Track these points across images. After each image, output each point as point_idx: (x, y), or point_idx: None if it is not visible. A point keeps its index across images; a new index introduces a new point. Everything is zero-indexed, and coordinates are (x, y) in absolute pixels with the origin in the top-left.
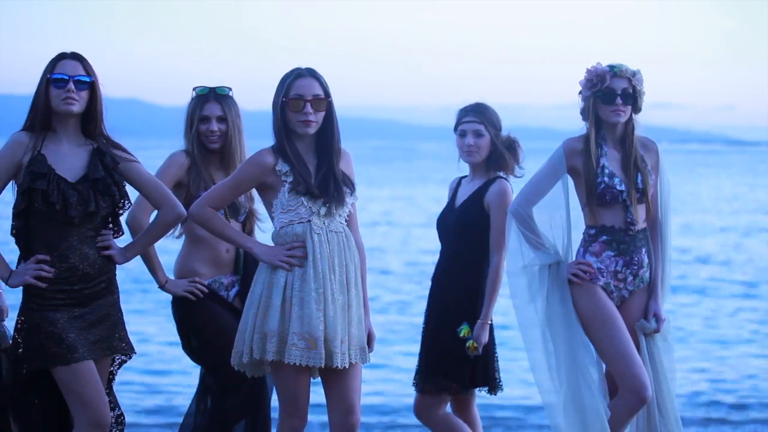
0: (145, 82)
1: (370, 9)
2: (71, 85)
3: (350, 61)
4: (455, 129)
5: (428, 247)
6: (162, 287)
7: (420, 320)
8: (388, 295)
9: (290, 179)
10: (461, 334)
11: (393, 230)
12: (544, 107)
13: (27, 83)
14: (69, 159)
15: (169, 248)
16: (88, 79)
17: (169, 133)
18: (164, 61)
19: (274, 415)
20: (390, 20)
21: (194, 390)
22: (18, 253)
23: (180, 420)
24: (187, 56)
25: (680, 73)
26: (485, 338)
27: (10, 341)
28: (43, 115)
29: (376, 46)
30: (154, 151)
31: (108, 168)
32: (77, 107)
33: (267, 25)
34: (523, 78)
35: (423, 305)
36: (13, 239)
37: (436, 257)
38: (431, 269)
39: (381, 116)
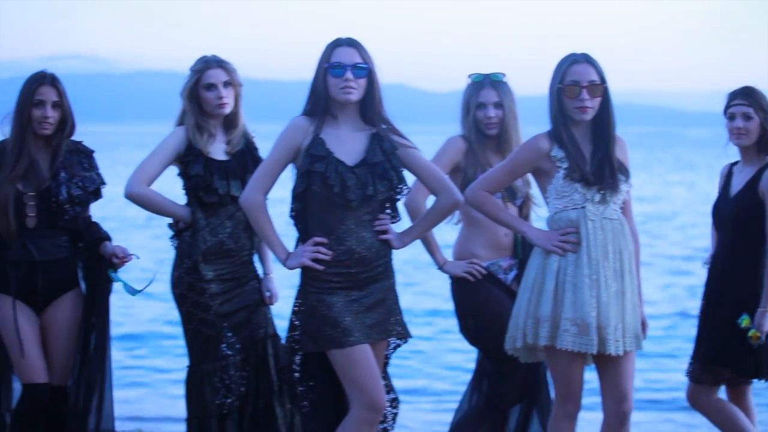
0: (410, 68)
1: None
2: (349, 74)
3: (617, 44)
4: (724, 112)
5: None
6: (440, 268)
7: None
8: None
9: (565, 165)
10: (742, 325)
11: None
12: None
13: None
14: (348, 143)
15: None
16: (365, 66)
17: (436, 118)
18: (429, 46)
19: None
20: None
21: None
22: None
23: None
24: (453, 41)
25: None
26: (767, 326)
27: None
28: (322, 102)
29: (645, 29)
30: (419, 137)
31: (386, 153)
32: (356, 95)
33: None
34: None
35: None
36: (288, 226)
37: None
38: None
39: (645, 102)
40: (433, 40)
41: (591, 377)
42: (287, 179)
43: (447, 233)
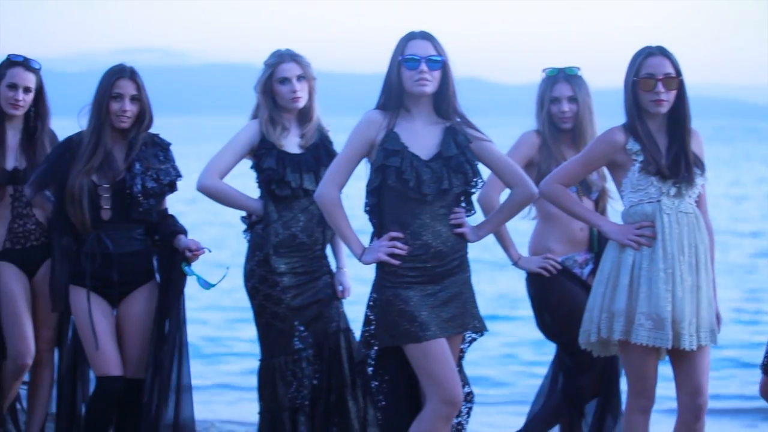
0: (485, 61)
1: None
2: (423, 66)
3: (691, 37)
4: None
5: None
6: (515, 264)
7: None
8: None
9: (641, 159)
10: None
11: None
12: None
13: None
14: (422, 137)
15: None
16: (439, 59)
17: (511, 111)
18: (504, 39)
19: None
20: None
21: None
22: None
23: None
24: (529, 33)
25: None
26: None
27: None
28: (396, 95)
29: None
30: (494, 130)
31: (461, 146)
32: (430, 88)
33: None
34: None
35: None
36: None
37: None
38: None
39: (721, 95)
40: (508, 32)
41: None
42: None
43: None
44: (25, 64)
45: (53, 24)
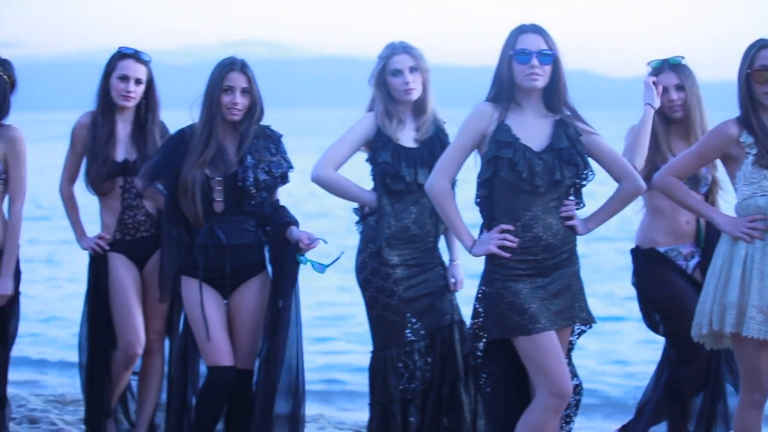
0: (593, 54)
1: None
2: (534, 60)
3: None
4: None
5: None
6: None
7: None
8: None
9: (754, 151)
10: None
11: None
12: None
13: None
14: (533, 129)
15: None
16: (550, 53)
17: (618, 104)
18: (611, 32)
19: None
20: None
21: None
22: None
23: None
24: (635, 26)
25: None
26: None
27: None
28: (506, 89)
29: None
30: (601, 123)
31: (571, 138)
32: (541, 82)
33: None
34: None
35: None
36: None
37: None
38: None
39: None
40: (615, 24)
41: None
42: None
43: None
44: (136, 56)
45: (161, 17)
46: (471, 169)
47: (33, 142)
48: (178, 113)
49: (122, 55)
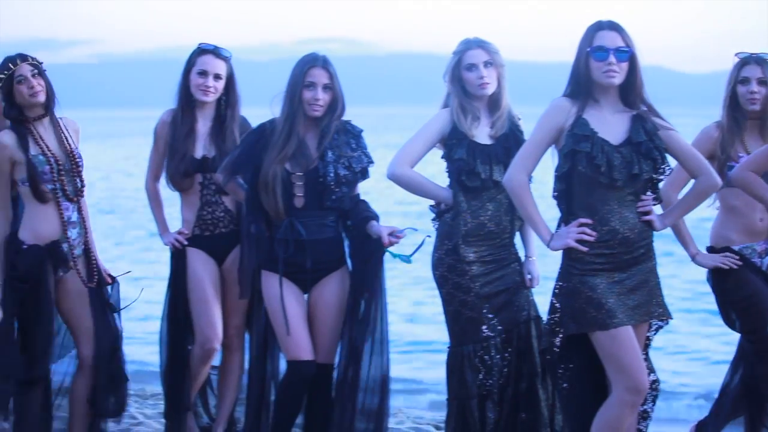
0: (668, 49)
1: None
2: (612, 57)
3: None
4: None
5: None
6: (693, 259)
7: None
8: None
9: None
10: None
11: None
12: None
13: None
14: (610, 124)
15: None
16: (627, 50)
17: (695, 101)
18: (686, 28)
19: None
20: None
21: None
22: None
23: None
24: (712, 21)
25: None
26: None
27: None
28: (584, 85)
29: None
30: (677, 120)
31: (650, 133)
32: (618, 79)
33: None
34: None
35: None
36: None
37: None
38: None
39: None
40: (691, 20)
41: None
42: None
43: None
44: (215, 52)
45: (241, 14)
46: (546, 165)
47: (114, 138)
48: (255, 110)
49: (202, 51)
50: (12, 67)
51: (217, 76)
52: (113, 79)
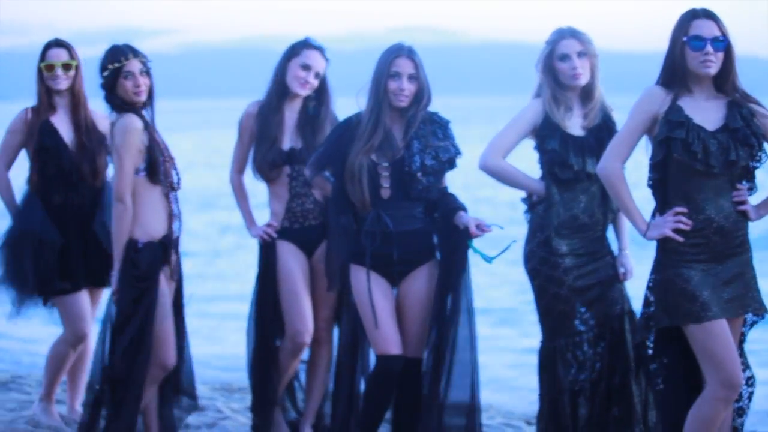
0: (762, 38)
1: None
2: (709, 47)
3: None
4: None
5: None
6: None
7: None
8: None
9: None
10: None
11: None
12: None
13: None
14: (705, 110)
15: None
16: (724, 40)
17: None
18: None
19: None
20: None
21: None
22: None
23: None
24: None
25: None
26: None
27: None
28: (679, 74)
29: None
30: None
31: (746, 119)
32: (714, 69)
33: None
34: None
35: None
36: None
37: None
38: None
39: None
40: None
41: None
42: None
43: None
44: (322, 50)
45: (326, 2)
46: None
47: (193, 129)
48: (341, 99)
49: (309, 45)
50: (123, 60)
51: (317, 74)
52: (197, 70)
